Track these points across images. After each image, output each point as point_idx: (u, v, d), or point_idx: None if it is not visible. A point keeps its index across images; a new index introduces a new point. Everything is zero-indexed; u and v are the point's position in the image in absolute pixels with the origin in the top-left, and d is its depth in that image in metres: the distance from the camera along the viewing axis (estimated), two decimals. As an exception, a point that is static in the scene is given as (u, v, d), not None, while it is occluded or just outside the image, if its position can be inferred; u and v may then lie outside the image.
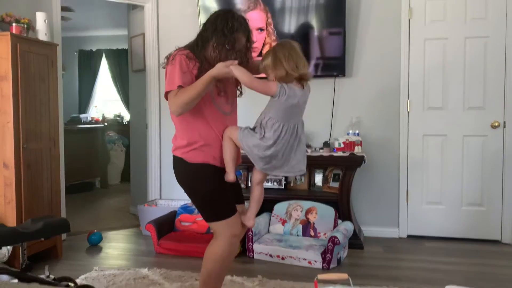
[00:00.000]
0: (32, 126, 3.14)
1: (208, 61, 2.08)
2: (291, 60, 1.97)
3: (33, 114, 3.15)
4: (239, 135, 2.04)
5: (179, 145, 2.13)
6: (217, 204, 2.12)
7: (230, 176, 2.08)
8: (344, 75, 3.89)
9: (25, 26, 3.20)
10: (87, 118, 7.64)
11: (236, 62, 1.98)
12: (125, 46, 5.56)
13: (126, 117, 7.77)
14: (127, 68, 5.41)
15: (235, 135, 2.06)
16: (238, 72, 1.95)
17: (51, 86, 3.35)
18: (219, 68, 1.96)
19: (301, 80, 2.03)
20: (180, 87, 1.99)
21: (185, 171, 2.12)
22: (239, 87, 2.25)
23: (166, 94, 2.04)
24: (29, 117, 3.11)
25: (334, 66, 3.89)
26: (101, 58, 8.16)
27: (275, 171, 2.07)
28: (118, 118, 7.97)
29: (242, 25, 2.09)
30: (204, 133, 2.09)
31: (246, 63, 2.11)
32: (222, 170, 2.13)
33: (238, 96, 2.27)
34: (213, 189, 2.11)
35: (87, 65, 8.23)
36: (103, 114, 7.99)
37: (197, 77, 2.02)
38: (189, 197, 2.18)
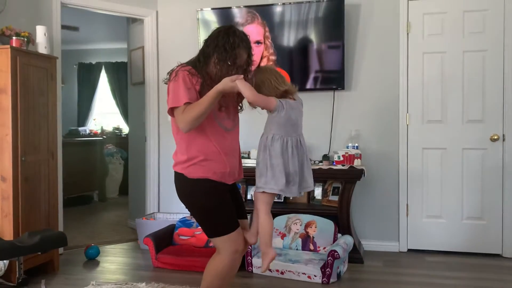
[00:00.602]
0: (30, 139, 3.13)
1: (210, 76, 2.09)
2: (271, 83, 2.09)
3: (31, 127, 3.14)
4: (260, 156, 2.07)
5: (179, 161, 2.12)
6: (218, 219, 2.10)
7: (268, 256, 2.10)
8: (343, 88, 3.90)
9: (25, 39, 3.21)
10: (85, 131, 7.63)
11: (242, 77, 2.01)
12: (125, 59, 5.59)
13: (125, 130, 7.77)
14: (126, 81, 5.43)
15: (259, 199, 2.08)
16: (243, 86, 1.98)
17: (50, 99, 3.35)
18: (225, 83, 1.98)
19: (288, 94, 2.12)
20: (187, 103, 1.99)
21: (185, 187, 2.11)
22: (240, 103, 2.25)
23: (171, 111, 2.04)
24: (28, 130, 3.10)
25: (333, 80, 3.90)
26: (100, 71, 8.19)
27: (293, 188, 2.07)
28: (117, 131, 7.97)
29: (243, 41, 2.11)
30: (204, 149, 2.08)
31: (246, 78, 2.12)
32: (222, 185, 2.12)
33: (239, 111, 2.27)
34: (214, 204, 2.09)
35: (87, 78, 8.26)
36: (101, 127, 7.99)
37: (200, 93, 2.03)
38: (190, 212, 2.17)
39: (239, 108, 2.26)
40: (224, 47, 2.06)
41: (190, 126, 2.00)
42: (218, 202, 2.10)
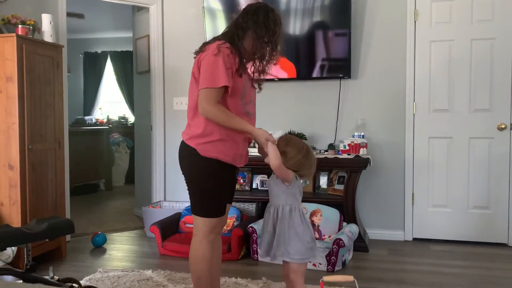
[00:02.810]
0: (37, 128, 3.15)
1: (246, 51, 2.10)
2: (307, 162, 2.09)
3: (38, 115, 3.16)
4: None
5: (194, 134, 2.09)
6: (210, 202, 2.11)
7: None
8: (349, 77, 3.88)
9: (31, 27, 3.21)
10: (92, 120, 7.66)
11: (275, 140, 2.04)
12: (130, 48, 5.58)
13: (131, 119, 7.79)
14: (132, 70, 5.43)
15: (299, 271, 2.09)
16: (273, 151, 1.99)
17: (56, 87, 3.36)
18: (260, 135, 2.02)
19: (301, 176, 2.14)
20: (223, 87, 1.99)
21: (194, 162, 2.10)
22: (260, 83, 2.24)
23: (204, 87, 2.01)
24: (34, 119, 3.12)
25: (340, 68, 3.88)
26: (106, 60, 8.19)
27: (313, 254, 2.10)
28: (122, 120, 7.99)
29: (280, 20, 2.13)
30: (224, 128, 2.06)
31: (270, 59, 2.13)
32: (230, 168, 2.13)
33: (259, 91, 2.28)
34: (215, 186, 2.10)
35: (92, 67, 8.27)
36: (107, 116, 8.01)
37: (237, 71, 2.03)
38: (188, 185, 2.17)
39: (258, 90, 2.26)
40: (265, 24, 2.07)
41: (208, 117, 2.02)
42: (219, 186, 2.11)
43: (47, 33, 3.35)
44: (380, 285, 2.79)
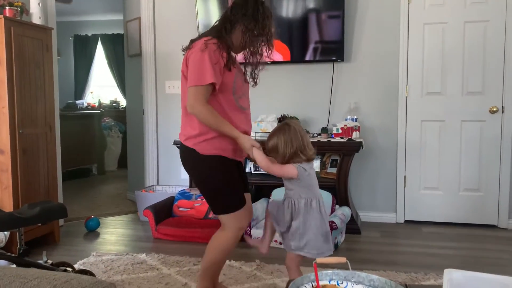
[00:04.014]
0: (27, 111, 3.11)
1: (233, 45, 2.08)
2: (299, 141, 2.00)
3: (28, 99, 3.12)
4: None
5: (191, 135, 2.09)
6: (226, 197, 2.12)
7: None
8: (342, 60, 3.86)
9: (19, 9, 3.15)
10: (83, 104, 7.59)
11: (260, 147, 2.02)
12: (121, 31, 5.49)
13: (123, 103, 7.73)
14: (123, 53, 5.36)
15: (295, 260, 2.08)
16: (258, 156, 1.98)
17: (46, 70, 3.31)
18: (245, 142, 2.00)
19: (308, 161, 2.05)
20: (211, 84, 1.96)
21: (196, 163, 2.10)
22: (255, 77, 2.21)
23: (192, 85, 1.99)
24: (25, 102, 3.08)
25: (333, 51, 3.86)
26: (96, 43, 8.08)
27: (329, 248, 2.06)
28: (114, 104, 7.93)
29: (270, 13, 2.10)
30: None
31: (260, 53, 2.10)
32: (233, 162, 2.13)
33: (252, 86, 2.25)
34: (224, 182, 2.09)
35: (83, 50, 8.16)
36: (99, 100, 7.95)
37: (226, 65, 2.00)
38: (198, 188, 2.17)
39: (252, 83, 2.23)
40: (254, 17, 2.04)
41: (196, 115, 2.00)
42: (228, 180, 2.11)
43: (36, 15, 3.29)
44: (372, 266, 2.82)
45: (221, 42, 2.03)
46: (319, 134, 3.82)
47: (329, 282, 1.47)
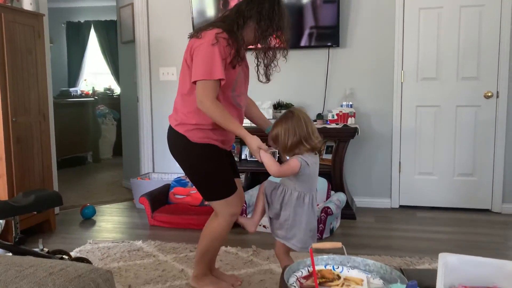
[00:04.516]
0: (20, 100, 3.08)
1: (244, 41, 2.02)
2: (303, 130, 1.95)
3: (21, 87, 3.08)
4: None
5: (186, 122, 2.06)
6: (217, 184, 2.11)
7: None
8: (338, 45, 3.84)
9: (9, -5, 3.09)
10: (76, 91, 7.53)
11: (268, 149, 1.95)
12: (114, 17, 5.43)
13: (117, 90, 7.67)
14: (116, 40, 5.30)
15: (284, 249, 2.08)
16: (266, 159, 1.92)
17: (39, 58, 3.27)
18: (252, 143, 1.93)
19: (313, 150, 2.01)
20: (220, 80, 1.93)
21: (186, 150, 2.09)
22: (268, 75, 2.16)
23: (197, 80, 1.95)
24: (17, 90, 3.04)
25: (328, 36, 3.83)
26: (89, 29, 7.97)
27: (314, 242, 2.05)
28: (108, 92, 7.87)
29: (286, 14, 2.03)
30: None
31: (273, 53, 2.05)
32: (223, 151, 2.14)
33: (265, 82, 2.19)
34: (214, 169, 2.09)
35: (75, 37, 8.05)
36: (93, 88, 7.88)
37: (231, 62, 1.97)
38: (187, 175, 2.16)
39: (265, 80, 2.17)
40: (269, 16, 1.96)
41: (204, 111, 1.96)
42: (218, 167, 2.10)
43: (27, 1, 3.23)
44: (368, 251, 2.84)
45: (231, 38, 1.97)
46: (315, 121, 3.81)
47: (325, 267, 1.48)
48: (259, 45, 2.06)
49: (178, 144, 2.10)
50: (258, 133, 2.12)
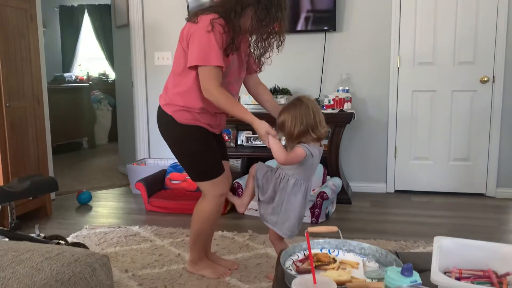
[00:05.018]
0: (14, 84, 3.05)
1: (241, 29, 2.00)
2: (310, 119, 1.93)
3: (14, 71, 3.05)
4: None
5: (173, 103, 2.07)
6: (204, 165, 2.12)
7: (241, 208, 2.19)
8: (334, 29, 3.81)
9: (0, -22, 3.04)
10: (71, 77, 7.47)
11: (276, 134, 1.93)
12: (108, 1, 5.36)
13: (112, 75, 7.61)
14: (110, 24, 5.24)
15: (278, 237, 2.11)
16: (274, 145, 1.89)
17: (32, 42, 3.23)
18: (260, 128, 1.92)
19: (319, 139, 2.00)
20: (217, 67, 1.92)
21: (174, 130, 2.10)
22: (260, 64, 2.17)
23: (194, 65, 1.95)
24: (10, 75, 3.01)
25: (325, 20, 3.80)
26: (83, 14, 7.87)
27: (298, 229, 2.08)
28: (103, 77, 7.81)
29: (285, 6, 2.00)
30: (204, 104, 2.05)
31: (268, 43, 2.03)
32: (211, 133, 2.14)
33: (258, 72, 2.25)
34: (201, 149, 2.10)
35: (69, 21, 7.95)
36: (87, 73, 7.81)
37: (225, 50, 1.95)
38: (175, 156, 2.17)
39: (258, 70, 2.22)
40: (267, 6, 1.93)
41: (210, 99, 1.96)
42: (205, 148, 2.10)
43: (18, -16, 3.17)
44: (363, 235, 2.87)
45: (228, 24, 1.95)
46: (311, 106, 3.80)
47: (321, 250, 1.49)
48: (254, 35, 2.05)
49: (165, 123, 2.11)
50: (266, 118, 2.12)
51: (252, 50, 2.12)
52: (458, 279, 1.17)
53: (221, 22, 1.94)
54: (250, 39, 2.11)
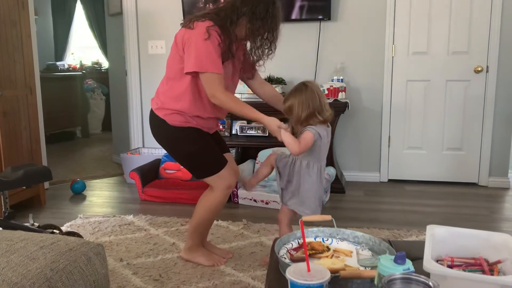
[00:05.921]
0: (6, 73, 3.01)
1: (236, 37, 2.02)
2: (316, 102, 1.98)
3: (6, 59, 3.01)
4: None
5: (165, 107, 2.09)
6: (205, 162, 2.13)
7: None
8: (329, 18, 3.79)
9: (-9, -36, 2.99)
10: (64, 65, 7.38)
11: (287, 128, 1.96)
12: (100, -12, 5.30)
13: (105, 64, 7.54)
14: (103, 12, 5.18)
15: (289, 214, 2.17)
16: (287, 138, 1.93)
17: (24, 30, 3.19)
18: (271, 124, 1.94)
19: (325, 122, 2.04)
20: (214, 73, 1.94)
21: (167, 133, 2.11)
22: (252, 69, 2.21)
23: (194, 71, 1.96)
24: (2, 63, 2.98)
25: (319, 9, 3.78)
26: (75, 1, 7.76)
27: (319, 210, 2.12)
28: (96, 66, 7.74)
29: (280, 16, 2.03)
30: (197, 110, 2.07)
31: (262, 51, 2.06)
32: (205, 132, 2.16)
33: (251, 78, 2.28)
34: (196, 149, 2.11)
35: (61, 9, 7.84)
36: (80, 61, 7.73)
37: (221, 57, 1.97)
38: (174, 158, 2.18)
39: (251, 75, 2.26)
40: (261, 16, 1.96)
41: (218, 104, 1.99)
42: (202, 146, 2.12)
43: (9, -29, 3.12)
44: (357, 224, 2.89)
45: (223, 32, 1.98)
46: (305, 95, 3.80)
47: (315, 239, 1.50)
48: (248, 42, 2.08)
49: (157, 127, 2.13)
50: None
51: (247, 57, 2.16)
52: (450, 267, 1.18)
53: (217, 30, 1.96)
54: (245, 46, 2.14)
